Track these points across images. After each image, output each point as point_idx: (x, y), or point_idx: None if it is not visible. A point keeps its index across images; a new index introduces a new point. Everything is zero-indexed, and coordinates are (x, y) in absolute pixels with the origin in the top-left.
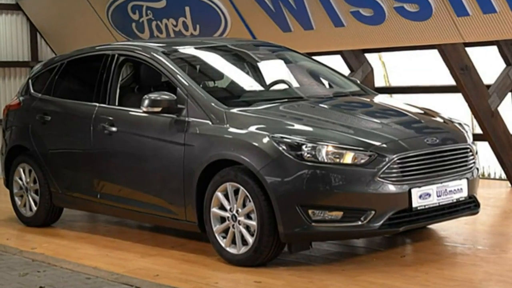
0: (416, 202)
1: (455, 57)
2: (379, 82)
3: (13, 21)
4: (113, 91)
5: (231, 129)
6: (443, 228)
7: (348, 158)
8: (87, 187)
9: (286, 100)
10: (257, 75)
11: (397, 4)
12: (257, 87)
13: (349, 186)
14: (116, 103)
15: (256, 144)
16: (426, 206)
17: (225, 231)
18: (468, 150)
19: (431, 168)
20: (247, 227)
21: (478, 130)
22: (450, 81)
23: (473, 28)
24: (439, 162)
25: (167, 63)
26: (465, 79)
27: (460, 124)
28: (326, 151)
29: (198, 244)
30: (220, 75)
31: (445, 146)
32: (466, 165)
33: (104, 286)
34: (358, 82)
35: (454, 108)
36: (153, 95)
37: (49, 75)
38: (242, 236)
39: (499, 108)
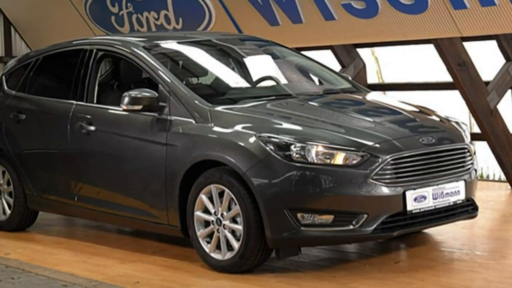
0: (411, 205)
1: (452, 52)
2: (371, 78)
3: None
4: (91, 88)
5: (216, 128)
6: (439, 232)
7: (339, 158)
8: (64, 189)
9: (273, 97)
10: (243, 71)
11: None
12: (243, 84)
13: (340, 188)
14: (95, 101)
15: (242, 144)
16: (422, 210)
17: (210, 235)
18: (466, 150)
19: (427, 169)
20: (233, 232)
21: (476, 129)
22: (446, 77)
23: (471, 22)
24: (435, 163)
25: (148, 58)
26: (462, 76)
27: (457, 123)
28: (316, 151)
29: (181, 250)
30: (204, 71)
31: (442, 146)
32: (463, 166)
33: None
34: (350, 78)
35: (451, 106)
36: (133, 92)
37: (23, 71)
38: (228, 241)
39: (499, 106)
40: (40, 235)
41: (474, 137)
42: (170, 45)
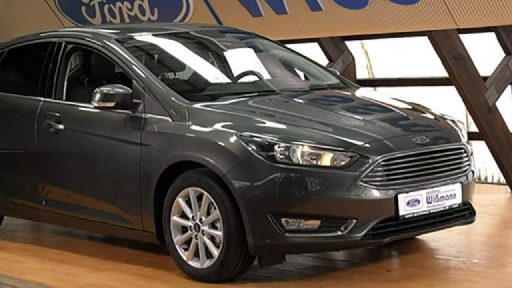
0: (404, 210)
1: (447, 46)
2: (361, 73)
3: None
4: (60, 84)
5: (194, 127)
6: (434, 239)
7: (327, 159)
8: (30, 192)
9: (256, 94)
10: (224, 66)
11: None
12: (223, 79)
13: (328, 191)
14: (64, 97)
15: (222, 144)
16: (415, 214)
17: (187, 242)
18: (463, 150)
19: (421, 171)
20: (212, 238)
21: (474, 128)
22: (442, 72)
23: (468, 13)
24: (430, 164)
25: (121, 52)
26: (459, 70)
27: (453, 121)
28: (301, 151)
29: (156, 257)
30: (182, 66)
31: (436, 146)
32: (460, 168)
33: None
34: (338, 73)
35: (447, 103)
36: (105, 88)
37: None
38: (206, 248)
39: (498, 103)
40: (5, 241)
41: (472, 136)
42: (145, 37)
